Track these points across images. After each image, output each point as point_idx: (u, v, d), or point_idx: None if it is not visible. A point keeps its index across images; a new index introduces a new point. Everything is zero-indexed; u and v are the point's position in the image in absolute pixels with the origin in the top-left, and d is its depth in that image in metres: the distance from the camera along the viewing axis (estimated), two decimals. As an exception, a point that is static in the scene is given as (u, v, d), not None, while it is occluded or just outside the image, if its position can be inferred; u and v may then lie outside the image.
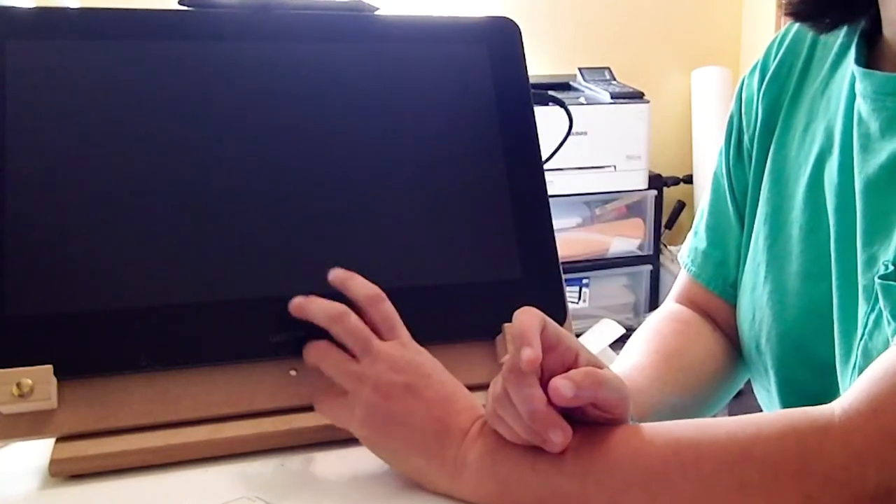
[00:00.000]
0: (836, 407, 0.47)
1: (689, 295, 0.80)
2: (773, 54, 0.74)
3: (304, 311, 0.57)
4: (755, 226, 0.72)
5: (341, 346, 0.57)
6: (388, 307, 0.58)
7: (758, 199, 0.72)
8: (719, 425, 0.48)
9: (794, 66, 0.72)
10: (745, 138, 0.75)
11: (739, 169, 0.75)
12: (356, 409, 0.54)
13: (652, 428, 0.50)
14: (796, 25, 0.72)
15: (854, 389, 0.47)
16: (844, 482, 0.44)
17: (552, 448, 0.48)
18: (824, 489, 0.44)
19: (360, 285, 0.58)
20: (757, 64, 0.75)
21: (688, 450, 0.48)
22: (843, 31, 0.67)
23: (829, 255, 0.63)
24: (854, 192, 0.61)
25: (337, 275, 0.59)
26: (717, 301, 0.77)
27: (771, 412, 0.50)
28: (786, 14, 0.68)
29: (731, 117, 0.77)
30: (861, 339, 0.59)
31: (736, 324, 0.75)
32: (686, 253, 0.81)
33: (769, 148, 0.72)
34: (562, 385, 0.46)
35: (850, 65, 0.64)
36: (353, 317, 0.56)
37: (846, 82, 0.65)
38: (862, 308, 0.59)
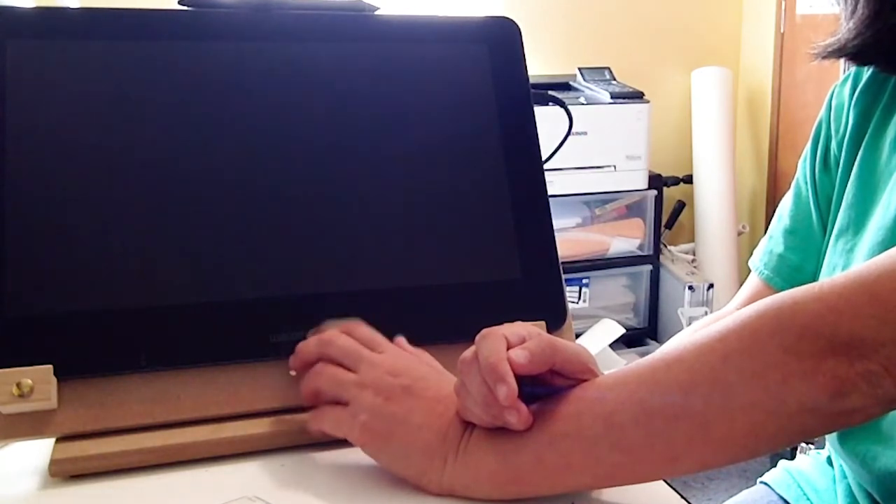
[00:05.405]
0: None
1: (757, 299, 0.78)
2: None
3: (299, 359, 0.58)
4: (835, 229, 0.72)
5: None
6: (365, 330, 0.59)
7: (840, 204, 0.72)
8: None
9: (889, 77, 0.71)
10: (833, 144, 0.75)
11: (825, 177, 0.75)
12: (360, 415, 0.54)
13: (640, 360, 0.51)
14: None
15: None
16: (819, 331, 0.45)
17: (514, 428, 0.50)
18: (801, 339, 0.45)
19: (330, 332, 0.59)
20: (849, 74, 0.75)
21: (672, 350, 0.49)
22: None
23: None
24: None
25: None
26: None
27: None
28: (846, 59, 0.67)
29: (820, 124, 0.77)
30: None
31: None
32: (759, 257, 0.80)
33: (857, 154, 0.72)
34: (515, 354, 0.49)
35: None
36: (343, 336, 0.58)
37: None
38: None
